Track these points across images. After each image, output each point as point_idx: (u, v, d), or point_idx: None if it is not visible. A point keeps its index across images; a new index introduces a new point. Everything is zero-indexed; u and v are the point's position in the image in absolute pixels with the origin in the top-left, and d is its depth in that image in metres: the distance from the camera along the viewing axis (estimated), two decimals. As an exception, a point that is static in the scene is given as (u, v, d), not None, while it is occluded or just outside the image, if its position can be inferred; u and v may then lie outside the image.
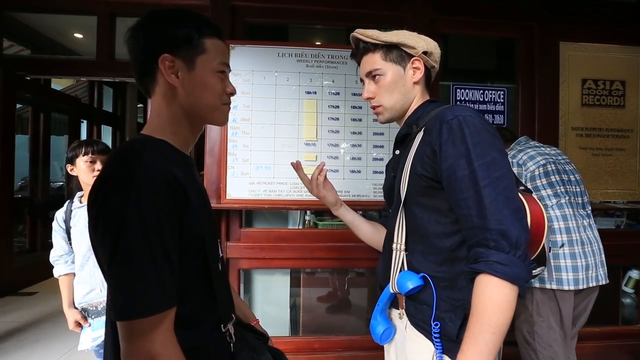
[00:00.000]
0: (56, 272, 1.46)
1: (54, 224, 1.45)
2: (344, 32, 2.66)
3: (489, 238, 0.63)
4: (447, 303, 0.72)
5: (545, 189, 1.42)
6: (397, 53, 0.80)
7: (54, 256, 1.46)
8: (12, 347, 2.19)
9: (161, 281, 0.52)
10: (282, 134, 1.89)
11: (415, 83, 0.82)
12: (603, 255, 1.44)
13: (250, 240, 1.93)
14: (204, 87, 0.63)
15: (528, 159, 1.47)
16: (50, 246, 1.49)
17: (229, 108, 0.69)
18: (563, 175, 1.45)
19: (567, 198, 1.42)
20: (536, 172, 1.43)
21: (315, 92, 1.91)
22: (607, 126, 2.18)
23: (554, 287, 1.38)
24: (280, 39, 2.28)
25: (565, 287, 1.36)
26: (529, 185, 1.42)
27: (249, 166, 1.87)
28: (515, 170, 1.45)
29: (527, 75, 2.15)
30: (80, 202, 1.48)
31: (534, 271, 0.80)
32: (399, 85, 0.81)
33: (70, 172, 1.44)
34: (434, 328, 0.70)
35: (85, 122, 4.55)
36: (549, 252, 1.11)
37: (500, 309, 0.61)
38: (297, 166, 1.02)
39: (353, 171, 1.92)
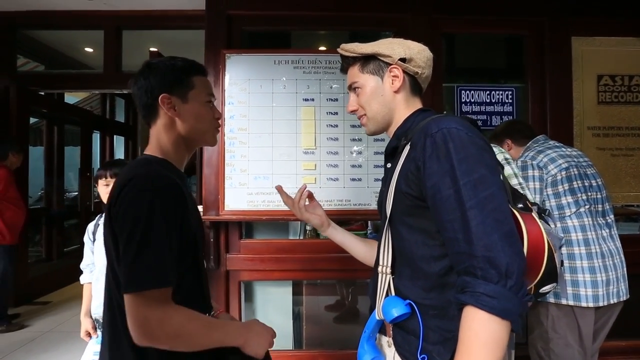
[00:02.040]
0: (82, 279, 1.54)
1: (85, 235, 1.55)
2: (347, 37, 2.62)
3: (476, 266, 0.56)
4: (437, 334, 0.65)
5: (566, 195, 1.31)
6: (374, 64, 0.78)
7: (82, 264, 1.55)
8: (21, 357, 2.24)
9: (170, 262, 0.65)
10: (280, 143, 1.86)
11: (395, 92, 0.78)
12: (625, 269, 1.32)
13: (250, 252, 1.90)
14: (198, 115, 0.79)
15: (549, 162, 1.35)
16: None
17: (218, 131, 0.86)
18: (585, 181, 1.34)
19: (587, 206, 1.32)
20: (558, 177, 1.32)
21: (313, 99, 1.87)
22: (627, 124, 2.04)
23: (571, 303, 1.28)
24: (282, 46, 2.26)
25: (584, 304, 1.26)
26: (549, 191, 1.33)
27: (247, 176, 1.84)
28: (536, 173, 1.34)
29: (537, 74, 2.04)
30: None
31: (543, 288, 0.72)
32: (377, 96, 0.78)
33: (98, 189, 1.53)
34: None
35: (98, 133, 4.67)
36: (561, 265, 1.02)
37: (487, 346, 0.54)
38: (279, 189, 0.99)
39: (354, 179, 1.86)
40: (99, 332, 1.42)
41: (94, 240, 1.50)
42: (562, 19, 2.03)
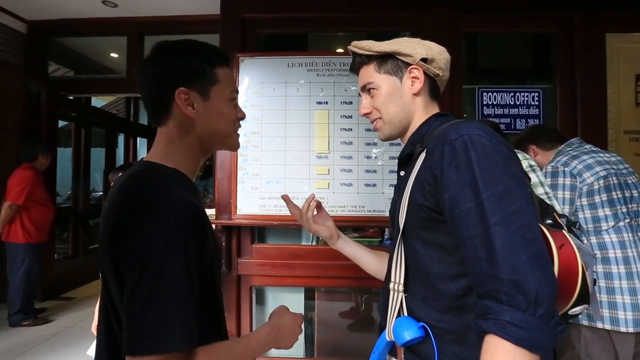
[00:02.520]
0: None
1: None
2: (362, 38, 2.56)
3: (500, 290, 0.50)
4: None
5: (603, 207, 1.20)
6: (393, 63, 0.72)
7: None
8: (44, 350, 2.33)
9: (194, 313, 0.52)
10: (293, 147, 1.83)
11: (415, 94, 0.72)
12: None
13: (261, 257, 1.88)
14: (220, 116, 0.65)
15: (585, 169, 1.23)
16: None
17: (239, 133, 0.72)
18: (625, 191, 1.22)
19: (627, 220, 1.20)
20: (595, 186, 1.20)
21: (326, 102, 1.84)
22: (669, 128, 1.88)
23: (608, 327, 1.16)
24: (297, 49, 2.24)
25: (623, 329, 1.15)
26: (583, 201, 1.22)
27: (259, 180, 1.83)
28: (567, 181, 1.23)
29: (566, 74, 1.91)
30: None
31: (573, 310, 0.64)
32: (395, 98, 0.72)
33: None
34: None
35: (122, 135, 4.85)
36: (594, 285, 0.93)
37: None
38: (286, 199, 0.92)
39: (368, 185, 1.81)
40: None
41: None
42: (594, 15, 1.89)
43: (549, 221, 0.65)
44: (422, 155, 0.65)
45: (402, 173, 0.75)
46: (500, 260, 0.51)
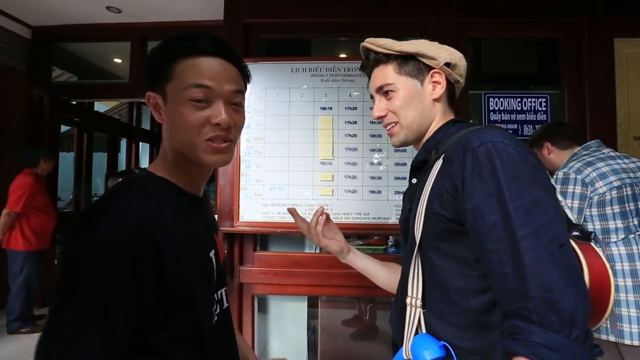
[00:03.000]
0: None
1: None
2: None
3: (532, 309, 0.46)
4: None
5: (615, 219, 1.16)
6: (414, 65, 0.68)
7: None
8: None
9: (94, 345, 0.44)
10: (296, 153, 1.80)
11: (435, 100, 0.69)
12: None
13: (264, 265, 1.85)
14: (175, 120, 0.53)
15: (598, 177, 1.18)
16: None
17: (221, 146, 0.55)
18: (639, 203, 1.18)
19: (638, 233, 1.16)
20: (607, 197, 1.16)
21: (330, 108, 1.81)
22: (680, 134, 1.84)
23: (612, 339, 1.13)
24: (300, 54, 2.23)
25: (627, 341, 1.11)
26: (594, 212, 1.17)
27: (262, 187, 1.80)
28: (577, 189, 1.19)
29: (574, 79, 1.88)
30: None
31: None
32: (415, 102, 0.68)
33: None
34: None
35: (124, 140, 4.85)
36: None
37: None
38: (292, 212, 0.88)
39: (373, 192, 1.77)
40: None
41: None
42: (603, 20, 1.86)
43: (576, 233, 0.61)
44: (439, 163, 0.62)
45: (414, 180, 0.72)
46: (531, 276, 0.47)
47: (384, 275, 0.86)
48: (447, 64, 0.68)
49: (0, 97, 3.07)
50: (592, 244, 0.61)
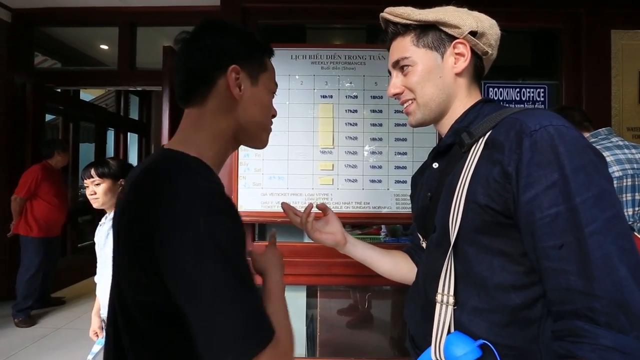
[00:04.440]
0: (96, 278, 1.48)
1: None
2: (365, 31, 2.52)
3: (599, 310, 0.43)
4: None
5: (627, 207, 1.16)
6: (435, 35, 0.62)
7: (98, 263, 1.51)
8: (33, 353, 2.23)
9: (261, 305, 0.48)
10: (296, 142, 1.77)
11: (457, 74, 0.63)
12: None
13: (263, 255, 1.82)
14: (262, 105, 0.61)
15: (615, 162, 1.17)
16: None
17: (271, 130, 0.67)
18: (637, 194, 1.19)
19: (631, 222, 1.19)
20: (623, 183, 1.16)
21: (331, 96, 1.78)
22: (672, 125, 1.89)
23: None
24: (299, 41, 2.18)
25: None
26: None
27: (261, 176, 1.77)
28: None
29: (572, 70, 1.90)
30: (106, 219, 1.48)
31: None
32: (434, 77, 0.62)
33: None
34: None
35: (112, 130, 4.70)
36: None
37: None
38: (285, 208, 0.84)
39: (373, 181, 1.76)
40: (104, 333, 1.38)
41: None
42: (600, 11, 1.88)
43: None
44: (478, 147, 0.56)
45: (436, 165, 0.67)
46: (600, 275, 0.44)
47: (386, 264, 0.84)
48: (474, 33, 0.61)
49: (-21, 83, 2.92)
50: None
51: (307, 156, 1.76)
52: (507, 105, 1.94)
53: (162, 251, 0.45)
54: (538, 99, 1.93)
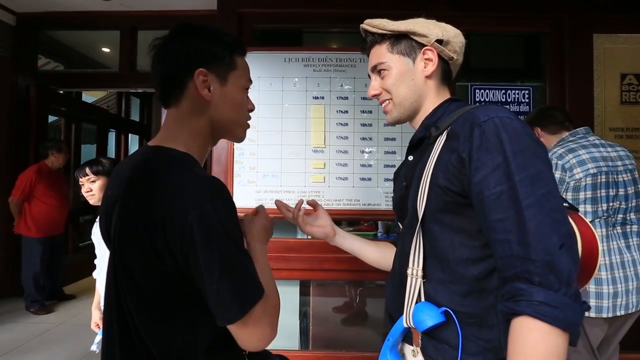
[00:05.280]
0: (94, 274, 1.55)
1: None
2: (359, 35, 2.59)
3: (533, 271, 0.50)
4: (474, 344, 0.59)
5: (585, 203, 1.23)
6: (406, 43, 0.70)
7: (96, 260, 1.56)
8: (35, 347, 2.29)
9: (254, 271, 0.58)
10: (289, 141, 1.84)
11: (427, 77, 0.70)
12: None
13: (257, 250, 1.89)
14: (233, 102, 0.66)
15: (577, 164, 1.23)
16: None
17: (249, 125, 0.72)
18: (611, 190, 1.24)
19: (604, 217, 1.24)
20: (582, 183, 1.23)
21: (322, 97, 1.85)
22: (652, 126, 1.95)
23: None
24: (294, 45, 2.26)
25: (585, 313, 1.21)
26: (568, 196, 1.24)
27: (255, 174, 1.84)
28: (557, 174, 1.24)
29: (556, 72, 1.97)
30: None
31: None
32: (406, 80, 0.70)
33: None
34: None
35: (113, 131, 4.78)
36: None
37: None
38: (279, 205, 0.91)
39: (363, 179, 1.83)
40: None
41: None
42: (583, 16, 1.95)
43: (565, 204, 0.65)
44: (442, 139, 0.64)
45: (411, 158, 0.74)
46: (534, 242, 0.50)
47: (373, 253, 0.90)
48: (440, 41, 0.68)
49: (-16, 85, 3.00)
50: (580, 213, 0.65)
51: (299, 155, 1.83)
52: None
53: (174, 234, 0.53)
54: (523, 100, 2.00)
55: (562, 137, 1.37)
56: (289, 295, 2.02)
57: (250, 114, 0.72)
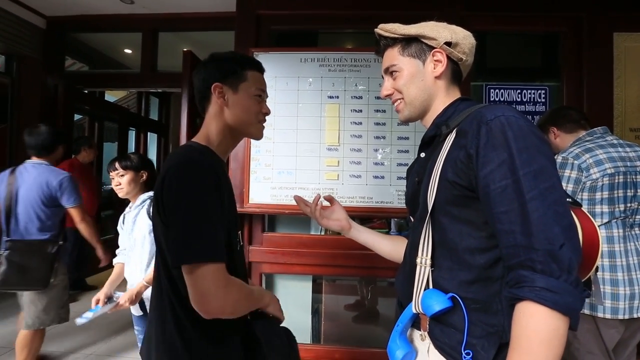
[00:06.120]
0: (115, 260, 1.64)
1: (118, 225, 1.65)
2: (374, 36, 2.60)
3: (536, 259, 0.54)
4: (479, 328, 0.62)
5: (602, 204, 1.22)
6: (417, 46, 0.74)
7: (118, 250, 1.65)
8: (60, 334, 2.41)
9: (220, 238, 0.71)
10: (304, 139, 1.89)
11: (437, 78, 0.74)
12: None
13: (272, 245, 1.94)
14: (243, 107, 0.82)
15: (594, 164, 1.22)
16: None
17: (264, 125, 0.88)
18: (629, 190, 1.23)
19: (621, 217, 1.23)
20: (599, 183, 1.21)
21: (337, 97, 1.89)
22: (675, 127, 1.90)
23: (587, 312, 1.22)
24: (309, 45, 2.30)
25: (600, 315, 1.20)
26: (584, 196, 1.24)
27: (271, 171, 1.89)
28: (573, 174, 1.24)
29: (574, 72, 1.95)
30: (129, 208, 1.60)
31: None
32: (416, 80, 0.74)
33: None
34: (465, 357, 0.61)
35: (133, 130, 4.95)
36: (596, 272, 0.97)
37: (549, 344, 0.52)
38: (297, 200, 0.99)
39: (376, 177, 1.86)
40: (100, 305, 1.48)
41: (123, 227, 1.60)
42: (603, 14, 1.92)
43: (569, 199, 0.68)
44: (451, 136, 0.67)
45: (423, 155, 0.78)
46: (536, 231, 0.54)
47: (386, 246, 0.94)
48: (449, 43, 0.72)
49: (17, 85, 3.17)
50: (584, 209, 0.68)
51: (314, 153, 1.88)
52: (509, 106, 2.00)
53: (162, 195, 0.71)
54: (539, 100, 1.98)
55: (578, 136, 1.36)
56: (301, 291, 2.07)
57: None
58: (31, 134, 1.91)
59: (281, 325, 0.89)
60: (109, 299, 1.51)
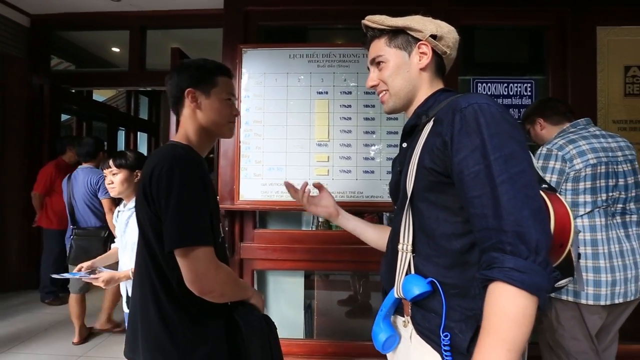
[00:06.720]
0: (112, 246, 1.64)
1: (112, 220, 1.72)
2: (362, 31, 2.61)
3: (505, 241, 0.55)
4: (458, 312, 0.64)
5: (585, 194, 1.25)
6: (403, 38, 0.75)
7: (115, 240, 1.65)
8: (48, 335, 2.39)
9: (207, 225, 0.80)
10: (294, 135, 1.89)
11: (421, 69, 0.75)
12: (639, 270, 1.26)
13: (263, 241, 1.95)
14: (214, 109, 0.90)
15: (577, 155, 1.25)
16: None
17: (234, 125, 0.97)
18: (610, 180, 1.26)
19: (603, 206, 1.26)
20: (582, 173, 1.25)
21: (326, 92, 1.90)
22: (656, 118, 1.95)
23: (571, 299, 1.26)
24: (298, 41, 2.30)
25: (583, 301, 1.24)
26: (568, 186, 1.27)
27: (261, 168, 1.89)
28: (557, 165, 1.27)
29: (558, 65, 1.98)
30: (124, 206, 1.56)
31: (559, 283, 0.70)
32: (402, 72, 0.75)
33: None
34: (443, 340, 0.63)
35: (123, 129, 4.89)
36: (578, 259, 0.99)
37: (517, 322, 0.53)
38: (287, 185, 1.04)
39: (366, 172, 1.87)
40: (83, 272, 1.43)
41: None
42: (586, 9, 1.96)
43: (544, 185, 0.70)
44: (429, 125, 0.69)
45: (405, 145, 0.79)
46: (506, 214, 0.55)
47: (372, 234, 0.96)
48: (434, 36, 0.73)
49: (1, 85, 3.11)
50: (558, 194, 0.69)
51: (304, 149, 1.88)
52: (495, 99, 2.03)
53: (151, 185, 0.78)
54: (525, 94, 2.01)
55: (563, 127, 1.39)
56: (293, 287, 2.08)
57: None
58: (80, 144, 2.53)
59: (264, 314, 0.94)
60: (92, 271, 1.44)
